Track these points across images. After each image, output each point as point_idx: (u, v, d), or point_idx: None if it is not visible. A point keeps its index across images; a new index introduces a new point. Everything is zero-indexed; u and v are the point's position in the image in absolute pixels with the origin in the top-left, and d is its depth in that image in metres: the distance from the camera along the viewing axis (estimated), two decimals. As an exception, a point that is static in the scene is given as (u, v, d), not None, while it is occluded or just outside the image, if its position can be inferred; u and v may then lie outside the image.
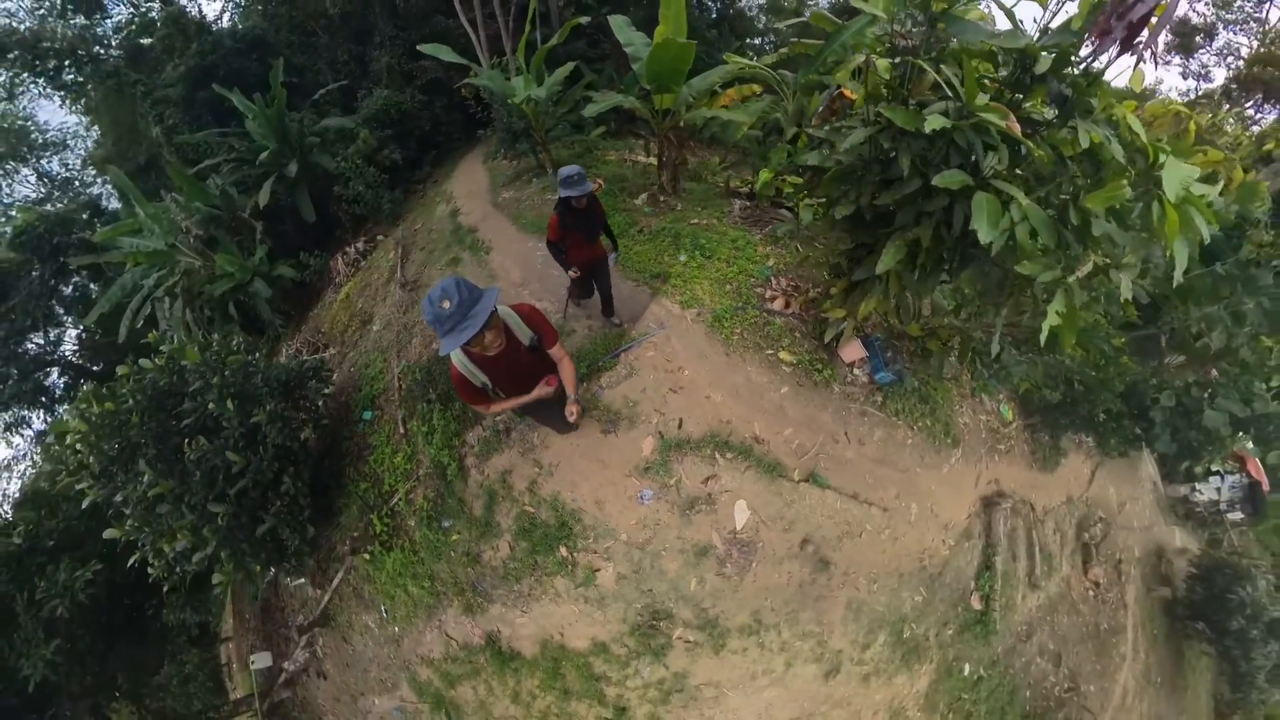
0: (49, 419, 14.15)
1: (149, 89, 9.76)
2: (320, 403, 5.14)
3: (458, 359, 3.07)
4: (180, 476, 4.10)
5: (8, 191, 15.31)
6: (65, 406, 13.73)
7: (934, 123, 2.98)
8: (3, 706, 5.04)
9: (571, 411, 3.36)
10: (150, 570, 4.29)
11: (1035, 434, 7.57)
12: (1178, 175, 3.04)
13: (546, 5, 10.19)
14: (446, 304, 2.55)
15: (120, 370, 4.56)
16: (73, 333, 14.87)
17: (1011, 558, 6.86)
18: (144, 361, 4.47)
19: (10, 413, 13.59)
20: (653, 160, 7.13)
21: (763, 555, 4.65)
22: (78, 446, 4.16)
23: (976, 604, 6.46)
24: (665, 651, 4.50)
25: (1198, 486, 11.97)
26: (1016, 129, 3.05)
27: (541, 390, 3.27)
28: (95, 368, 14.09)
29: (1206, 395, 6.94)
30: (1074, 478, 8.23)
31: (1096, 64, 3.11)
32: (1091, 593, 8.21)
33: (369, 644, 5.25)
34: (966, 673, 6.31)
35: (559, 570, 4.42)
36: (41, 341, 13.71)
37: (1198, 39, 18.12)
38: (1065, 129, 3.11)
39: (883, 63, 3.66)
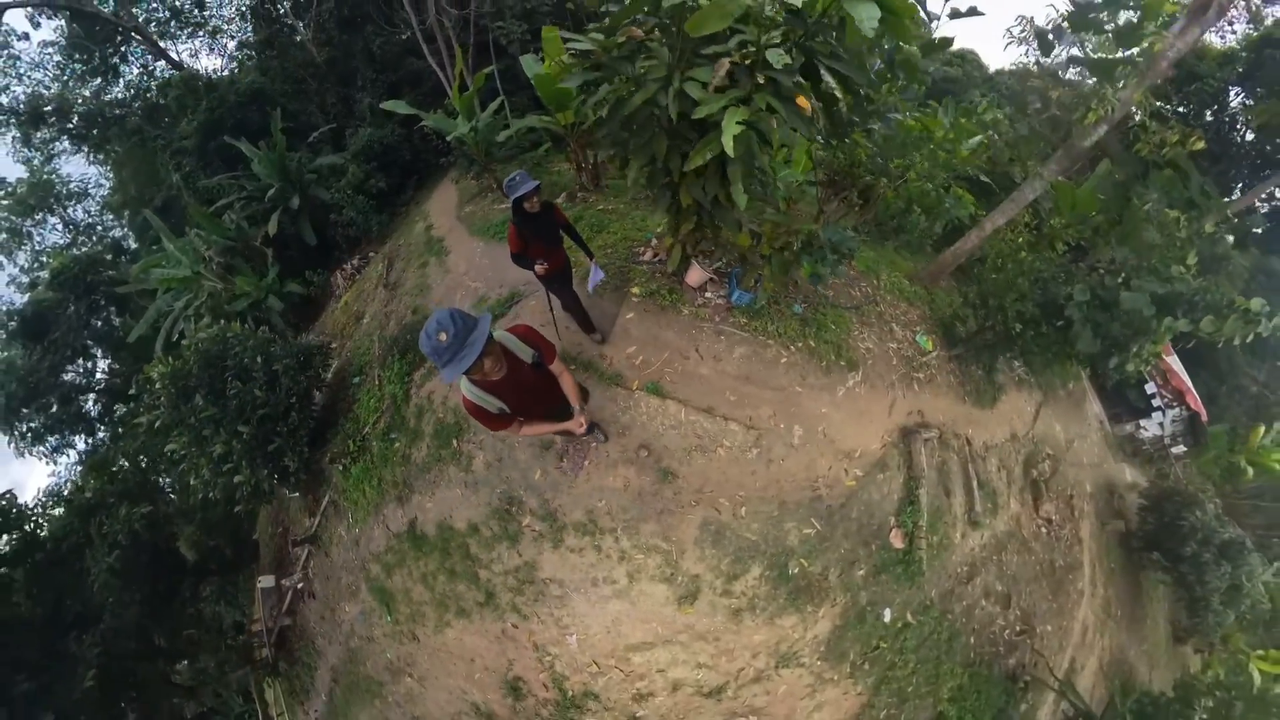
0: (89, 441, 16.13)
1: (168, 142, 11.69)
2: (326, 375, 6.93)
3: (468, 389, 3.18)
4: (221, 406, 5.92)
5: (39, 239, 17.35)
6: (103, 430, 15.70)
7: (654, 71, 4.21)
8: (72, 611, 6.81)
9: (580, 423, 3.62)
10: (192, 483, 6.08)
11: (964, 366, 7.62)
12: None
13: (503, 40, 11.97)
14: (443, 336, 2.66)
15: (184, 343, 6.39)
16: (104, 363, 16.86)
17: (944, 493, 6.70)
18: (201, 333, 6.32)
19: (56, 437, 15.57)
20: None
21: (596, 454, 5.29)
22: (158, 385, 6.01)
23: (898, 542, 6.08)
24: (519, 538, 5.35)
25: (1142, 424, 12.51)
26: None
27: (573, 425, 3.62)
28: (129, 391, 16.03)
29: (1121, 280, 6.64)
30: (1017, 415, 8.27)
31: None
32: (1044, 529, 8.20)
33: (341, 552, 6.67)
34: (887, 619, 5.94)
35: (452, 459, 5.72)
36: (80, 370, 15.64)
37: None
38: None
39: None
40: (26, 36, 13.01)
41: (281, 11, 14.64)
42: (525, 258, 4.95)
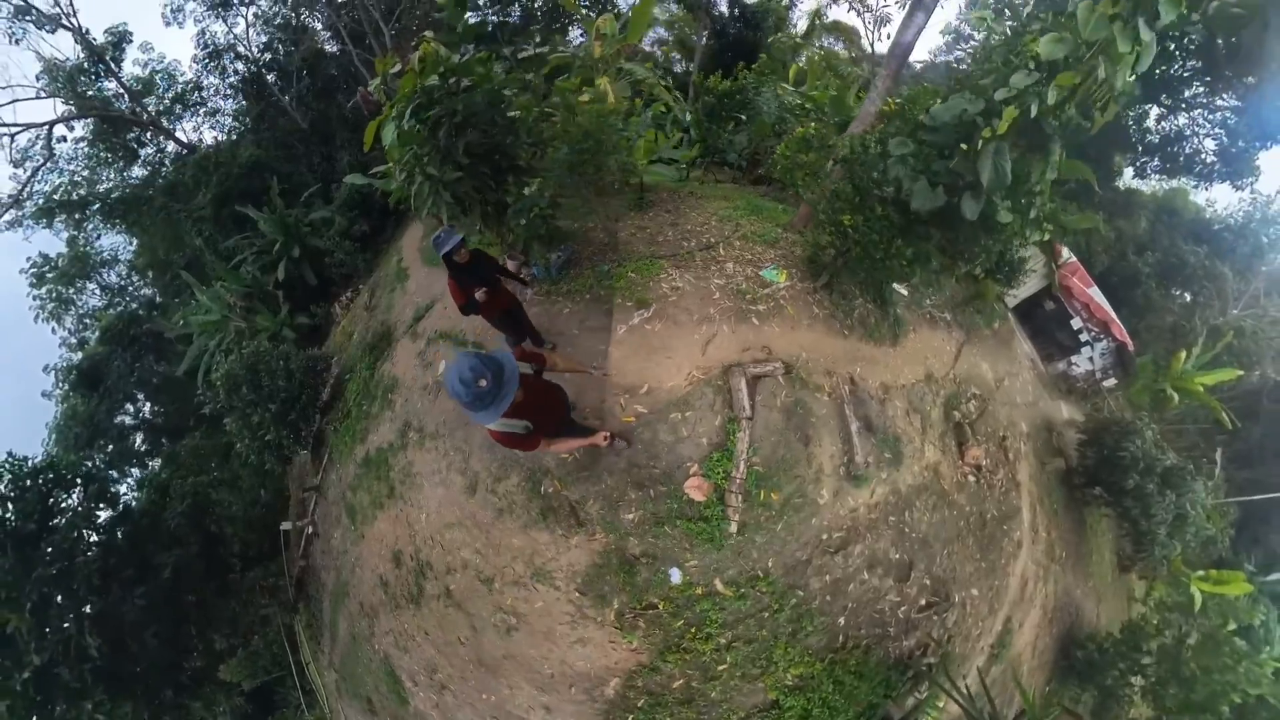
0: (138, 471, 19.39)
1: (189, 212, 14.84)
2: (329, 376, 9.95)
3: (497, 425, 3.49)
4: (257, 393, 8.98)
5: (81, 303, 20.73)
6: (158, 460, 18.93)
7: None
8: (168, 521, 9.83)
9: (604, 437, 4.61)
10: (239, 448, 9.12)
11: (842, 298, 7.51)
12: None
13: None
14: (483, 382, 2.91)
15: (214, 374, 9.45)
16: (146, 405, 20.17)
17: (801, 441, 6.22)
18: (244, 351, 9.36)
19: (114, 472, 18.84)
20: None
21: (440, 391, 7.38)
22: (218, 384, 9.14)
23: (696, 494, 5.75)
24: (407, 447, 7.65)
25: (1073, 360, 12.76)
26: None
27: (598, 440, 4.38)
28: (171, 426, 19.31)
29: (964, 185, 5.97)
30: (933, 354, 8.22)
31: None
32: (972, 478, 7.78)
33: (333, 492, 9.18)
34: (675, 580, 5.78)
35: (386, 406, 8.40)
36: (129, 412, 18.92)
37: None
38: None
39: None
40: (64, 139, 16.30)
41: (267, 88, 17.81)
42: (472, 304, 5.49)
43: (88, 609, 7.62)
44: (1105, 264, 17.06)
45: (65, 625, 7.14)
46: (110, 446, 18.73)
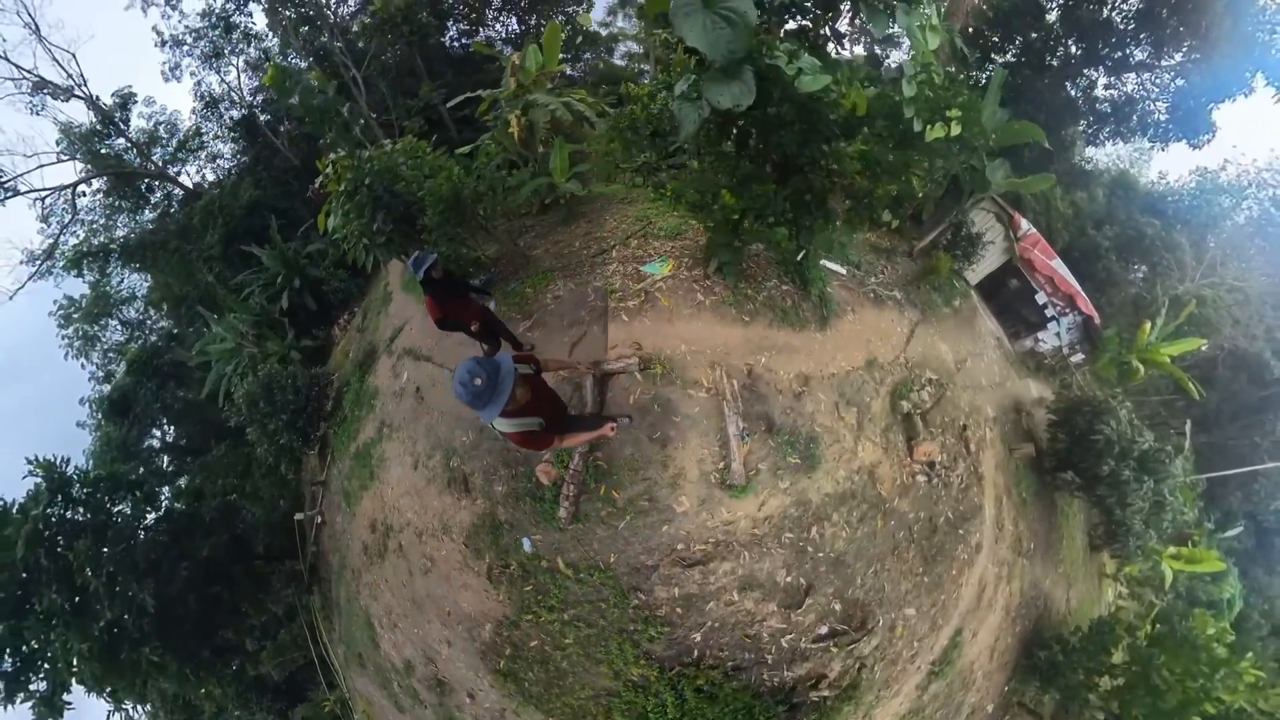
0: (168, 489, 21.64)
1: (200, 252, 16.99)
2: (330, 391, 12.00)
3: (505, 425, 3.75)
4: (272, 406, 10.99)
5: (104, 339, 23.04)
6: (185, 477, 21.17)
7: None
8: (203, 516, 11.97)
9: (611, 428, 4.68)
10: (259, 452, 11.17)
11: (745, 282, 7.26)
12: None
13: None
14: (479, 380, 3.19)
15: (235, 395, 11.53)
16: (170, 429, 22.42)
17: (656, 440, 6.09)
18: (259, 371, 11.38)
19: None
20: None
21: (404, 393, 9.09)
22: (240, 401, 11.14)
23: (544, 478, 6.41)
24: (382, 439, 9.40)
25: (1040, 336, 12.76)
26: None
27: (607, 431, 4.54)
28: (194, 447, 21.54)
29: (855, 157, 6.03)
30: (878, 337, 7.87)
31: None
32: (923, 478, 7.23)
33: (334, 484, 10.97)
34: (527, 549, 6.54)
35: (371, 410, 10.20)
36: (156, 436, 21.16)
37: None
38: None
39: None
40: (84, 194, 18.60)
41: (260, 130, 19.96)
42: (448, 321, 6.22)
43: (145, 579, 9.78)
44: (1066, 240, 17.63)
45: (130, 593, 9.29)
46: (141, 468, 21.00)
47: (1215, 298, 17.85)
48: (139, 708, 12.85)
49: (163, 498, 13.73)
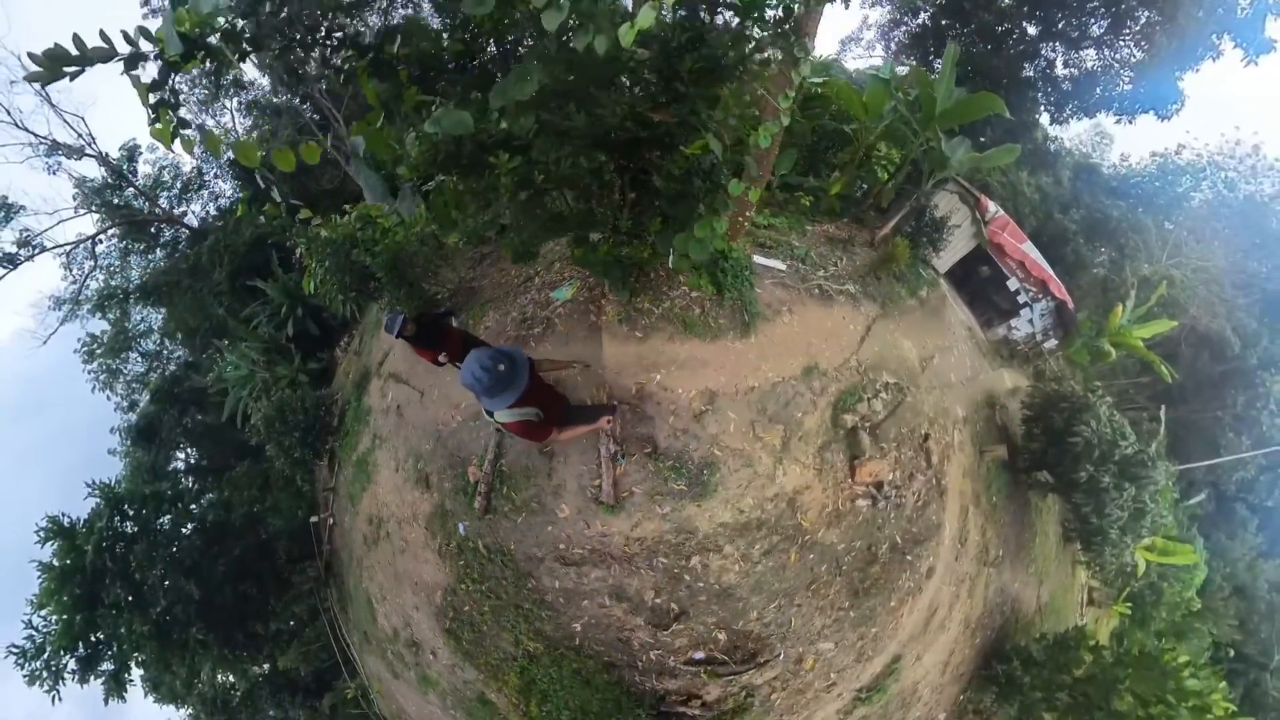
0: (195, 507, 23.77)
1: (210, 287, 18.99)
2: (336, 409, 13.94)
3: (508, 415, 4.09)
4: (286, 425, 12.96)
5: (125, 371, 25.21)
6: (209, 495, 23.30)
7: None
8: (233, 522, 13.96)
9: (608, 421, 5.41)
10: (278, 465, 13.14)
11: (643, 294, 7.03)
12: None
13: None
14: (502, 367, 3.48)
15: (252, 418, 13.50)
16: (193, 451, 24.53)
17: (544, 454, 7.06)
18: (272, 394, 13.35)
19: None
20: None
21: (391, 408, 11.00)
22: (259, 425, 13.16)
23: (471, 476, 7.89)
24: (375, 449, 10.87)
25: (1013, 324, 12.64)
26: None
27: (603, 424, 5.16)
28: (214, 467, 23.65)
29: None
30: (823, 339, 7.36)
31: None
32: (865, 502, 6.72)
33: (342, 489, 12.45)
34: (462, 532, 7.91)
35: (366, 424, 11.56)
36: (179, 459, 23.27)
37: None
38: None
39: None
40: (100, 240, 20.72)
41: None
42: (439, 363, 6.90)
43: (190, 575, 11.97)
44: (1034, 225, 18.37)
45: (178, 586, 11.46)
46: (169, 489, 23.13)
47: (1182, 278, 18.44)
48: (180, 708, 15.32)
49: (194, 511, 15.74)
